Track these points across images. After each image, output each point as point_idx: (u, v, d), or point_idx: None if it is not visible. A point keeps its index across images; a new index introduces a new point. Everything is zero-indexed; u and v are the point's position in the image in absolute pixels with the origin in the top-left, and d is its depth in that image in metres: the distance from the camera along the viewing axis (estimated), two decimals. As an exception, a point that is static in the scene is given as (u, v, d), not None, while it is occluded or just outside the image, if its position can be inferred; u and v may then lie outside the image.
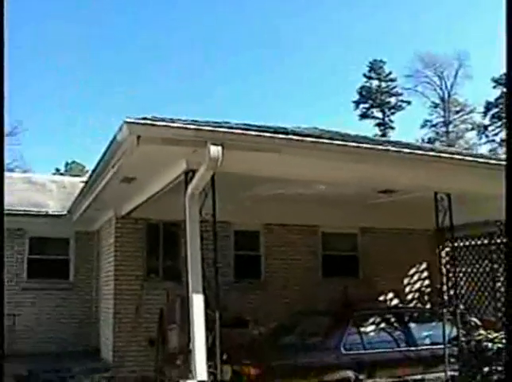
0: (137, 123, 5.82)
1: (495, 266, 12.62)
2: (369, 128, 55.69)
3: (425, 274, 13.11)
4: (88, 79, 75.43)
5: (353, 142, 6.98)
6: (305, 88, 75.37)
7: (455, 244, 13.45)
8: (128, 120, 5.81)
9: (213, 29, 71.14)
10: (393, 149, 6.95)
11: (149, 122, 5.88)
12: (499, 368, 7.21)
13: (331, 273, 12.34)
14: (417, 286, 13.07)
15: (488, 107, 54.37)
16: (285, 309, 10.57)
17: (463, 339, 7.95)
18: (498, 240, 12.50)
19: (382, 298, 12.45)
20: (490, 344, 7.45)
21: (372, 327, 8.90)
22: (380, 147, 6.97)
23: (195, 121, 6.69)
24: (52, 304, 12.60)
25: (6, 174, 5.72)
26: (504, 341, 7.43)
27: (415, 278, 13.07)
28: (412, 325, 9.09)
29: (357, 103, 56.16)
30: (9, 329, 11.19)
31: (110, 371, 10.59)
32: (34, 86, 72.26)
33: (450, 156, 7.41)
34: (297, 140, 6.37)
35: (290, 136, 6.32)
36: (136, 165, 7.07)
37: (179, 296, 8.80)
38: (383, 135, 54.32)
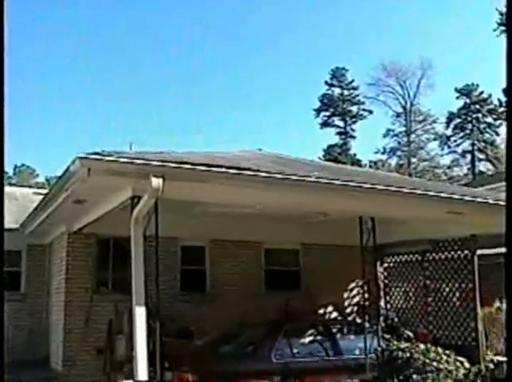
0: (88, 158, 7.05)
1: (428, 282, 14.05)
2: (330, 137, 57.28)
3: (364, 288, 14.49)
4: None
5: (279, 173, 8.31)
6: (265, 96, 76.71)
7: (394, 260, 14.97)
8: (80, 155, 7.05)
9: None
10: (313, 179, 8.33)
11: (98, 157, 7.11)
12: (408, 374, 8.63)
13: (274, 286, 13.68)
14: (356, 299, 14.43)
15: (450, 117, 56.38)
16: (229, 320, 11.82)
17: (378, 349, 9.33)
18: (431, 257, 13.95)
19: (322, 311, 13.81)
20: (400, 354, 8.85)
21: (301, 338, 10.24)
22: (305, 179, 8.31)
23: (141, 153, 7.97)
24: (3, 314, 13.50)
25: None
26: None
27: (354, 292, 14.46)
28: (339, 336, 10.48)
29: (318, 111, 57.63)
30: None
31: (59, 379, 11.65)
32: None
33: (369, 186, 8.78)
34: (225, 172, 7.76)
35: (222, 169, 7.64)
36: (87, 190, 8.28)
37: (127, 308, 9.92)
38: (344, 144, 55.99)
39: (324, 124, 57.89)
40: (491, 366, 10.30)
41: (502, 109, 51.27)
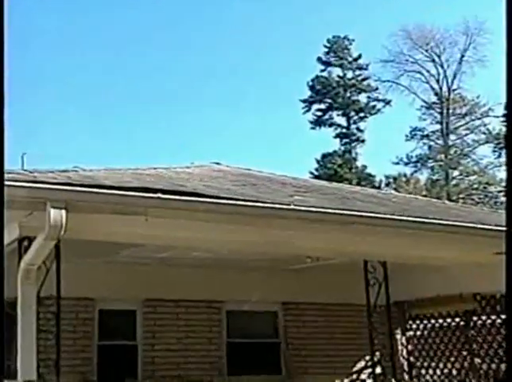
0: None
1: (477, 360, 13.91)
2: (326, 141, 56.73)
3: (378, 369, 14.48)
4: None
5: (244, 199, 8.38)
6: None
7: (423, 325, 15.00)
8: None
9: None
10: (292, 207, 8.40)
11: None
12: None
13: (241, 367, 13.68)
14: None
15: (512, 107, 56.32)
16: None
17: None
18: (479, 322, 13.87)
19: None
20: None
21: None
22: (281, 206, 8.38)
23: (35, 172, 7.97)
24: None
25: None
26: None
27: (363, 375, 14.42)
28: None
29: (308, 103, 57.22)
30: None
31: None
32: None
33: (375, 216, 8.87)
34: (168, 199, 7.72)
35: (155, 194, 7.63)
36: None
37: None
38: (347, 152, 55.85)
39: (317, 122, 57.48)
40: None
41: None
